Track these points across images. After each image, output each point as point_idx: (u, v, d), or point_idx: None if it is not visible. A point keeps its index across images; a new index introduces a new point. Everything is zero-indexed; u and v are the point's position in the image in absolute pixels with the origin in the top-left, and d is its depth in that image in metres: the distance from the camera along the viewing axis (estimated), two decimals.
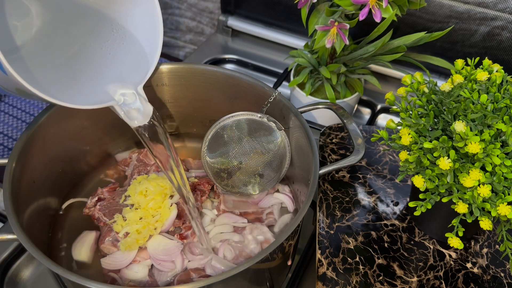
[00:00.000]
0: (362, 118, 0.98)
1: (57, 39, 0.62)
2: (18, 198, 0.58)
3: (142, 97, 0.58)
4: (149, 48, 0.61)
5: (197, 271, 0.62)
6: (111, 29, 0.62)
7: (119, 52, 0.62)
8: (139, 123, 0.57)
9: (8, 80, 0.48)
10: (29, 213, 0.60)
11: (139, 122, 0.57)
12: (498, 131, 0.50)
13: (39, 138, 0.64)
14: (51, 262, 0.50)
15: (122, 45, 0.62)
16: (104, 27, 0.62)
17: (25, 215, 0.58)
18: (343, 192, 0.68)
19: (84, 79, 0.61)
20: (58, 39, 0.62)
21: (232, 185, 0.70)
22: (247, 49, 1.10)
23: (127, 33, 0.62)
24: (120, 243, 0.63)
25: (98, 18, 0.62)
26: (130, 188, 0.68)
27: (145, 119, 0.57)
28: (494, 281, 0.59)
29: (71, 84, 0.59)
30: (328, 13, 0.74)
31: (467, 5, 0.84)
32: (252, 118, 0.68)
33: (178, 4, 1.21)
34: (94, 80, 0.60)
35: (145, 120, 0.57)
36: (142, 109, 0.57)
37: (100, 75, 0.61)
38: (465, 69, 0.58)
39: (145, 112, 0.57)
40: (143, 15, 0.61)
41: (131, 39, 0.62)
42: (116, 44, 0.62)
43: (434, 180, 0.52)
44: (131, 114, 0.57)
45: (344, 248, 0.61)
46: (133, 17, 0.61)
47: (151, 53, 0.61)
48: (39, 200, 0.64)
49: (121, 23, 0.62)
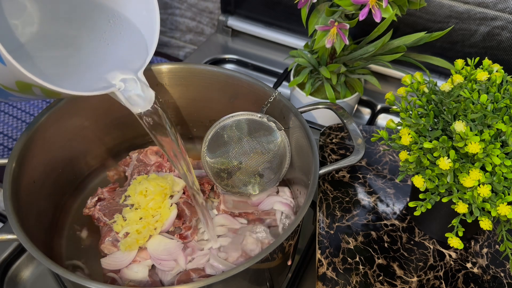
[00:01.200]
0: (362, 118, 0.98)
1: (56, 33, 0.62)
2: (18, 198, 0.58)
3: (143, 83, 0.57)
4: (147, 33, 0.61)
5: (197, 271, 0.62)
6: (107, 19, 0.62)
7: (118, 41, 0.62)
8: (142, 109, 0.56)
9: (7, 72, 0.47)
10: (29, 213, 0.60)
11: (142, 108, 0.56)
12: (498, 131, 0.50)
13: (39, 138, 0.64)
14: (51, 262, 0.50)
15: (120, 34, 0.62)
16: (101, 17, 0.62)
17: (25, 215, 0.58)
18: (343, 192, 0.68)
19: (84, 69, 0.60)
20: (57, 33, 0.62)
21: (232, 185, 0.70)
22: (247, 49, 1.10)
23: (124, 21, 0.62)
24: (120, 243, 0.63)
25: (94, 9, 0.62)
26: (130, 188, 0.68)
27: (147, 104, 0.57)
28: (494, 281, 0.59)
29: (71, 75, 0.59)
30: (328, 13, 0.74)
31: (467, 5, 0.84)
32: (252, 118, 0.68)
33: (178, 4, 1.21)
34: (94, 70, 0.60)
35: (147, 105, 0.56)
36: (144, 95, 0.57)
37: (100, 64, 0.61)
38: (465, 69, 0.58)
39: (147, 98, 0.57)
40: (139, 1, 0.61)
41: (129, 27, 0.62)
42: (114, 34, 0.62)
43: (434, 180, 0.52)
44: (133, 100, 0.56)
45: (344, 248, 0.61)
46: (129, 4, 0.61)
47: (149, 39, 0.61)
48: (39, 200, 0.64)
49: (117, 11, 0.62)
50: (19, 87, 0.51)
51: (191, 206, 0.69)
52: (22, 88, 0.51)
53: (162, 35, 1.32)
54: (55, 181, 0.69)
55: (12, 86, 0.51)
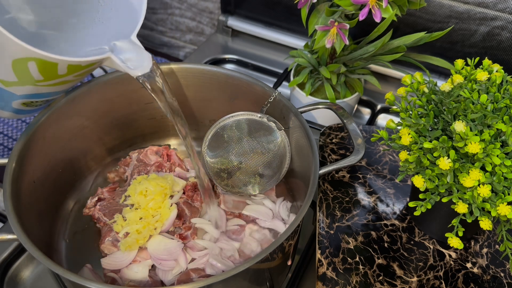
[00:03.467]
0: (362, 118, 0.98)
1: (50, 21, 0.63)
2: (18, 198, 0.58)
3: (137, 46, 0.57)
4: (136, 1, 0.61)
5: (197, 271, 0.62)
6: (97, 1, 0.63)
7: (110, 17, 0.63)
8: (141, 72, 0.56)
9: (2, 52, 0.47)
10: (29, 213, 0.60)
11: (141, 71, 0.56)
12: (498, 131, 0.50)
13: (39, 138, 0.64)
14: (51, 262, 0.50)
15: (111, 10, 0.63)
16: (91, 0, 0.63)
17: (25, 215, 0.58)
18: (343, 192, 0.68)
19: (81, 45, 0.61)
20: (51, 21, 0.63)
21: (232, 185, 0.70)
22: (247, 49, 1.10)
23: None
24: (120, 243, 0.63)
25: None
26: (130, 188, 0.68)
27: (145, 67, 0.56)
28: (494, 281, 0.59)
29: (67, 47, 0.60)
30: (328, 13, 0.74)
31: (467, 5, 0.84)
32: (252, 118, 0.68)
33: (178, 4, 1.21)
34: (89, 42, 0.61)
35: (146, 68, 0.56)
36: (140, 57, 0.57)
37: (94, 37, 0.61)
38: (465, 69, 0.58)
39: (144, 60, 0.57)
40: None
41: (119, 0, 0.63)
42: (106, 11, 0.63)
43: (434, 180, 0.52)
44: (131, 64, 0.56)
45: (344, 248, 0.61)
46: None
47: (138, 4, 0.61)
48: (39, 200, 0.64)
49: None
50: (15, 70, 0.50)
51: (191, 206, 0.69)
52: (19, 72, 0.50)
53: (162, 35, 1.32)
54: (55, 181, 0.69)
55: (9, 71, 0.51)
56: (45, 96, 0.59)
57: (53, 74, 0.53)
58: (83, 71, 0.56)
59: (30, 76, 0.52)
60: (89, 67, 0.56)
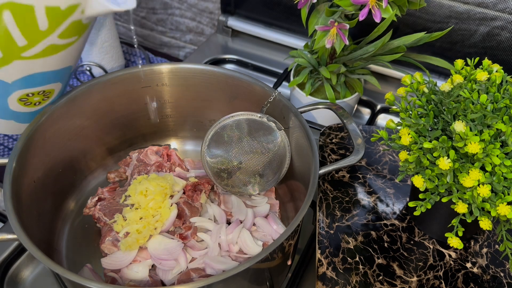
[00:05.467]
0: (362, 118, 0.98)
1: None
2: (19, 198, 0.58)
3: None
4: None
5: (197, 271, 0.63)
6: None
7: None
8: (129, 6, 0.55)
9: None
10: (29, 213, 0.60)
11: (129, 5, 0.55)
12: (498, 131, 0.50)
13: (39, 138, 0.64)
14: (51, 262, 0.50)
15: None
16: None
17: (25, 215, 0.58)
18: (343, 192, 0.68)
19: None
20: None
21: (232, 185, 0.70)
22: (247, 49, 1.10)
23: None
24: (120, 243, 0.63)
25: None
26: (130, 188, 0.68)
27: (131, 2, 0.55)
28: (494, 281, 0.59)
29: None
30: (328, 13, 0.74)
31: (467, 5, 0.84)
32: (252, 118, 0.68)
33: (178, 4, 1.21)
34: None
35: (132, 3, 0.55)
36: None
37: None
38: (464, 69, 0.58)
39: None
40: None
41: None
42: None
43: (434, 180, 0.53)
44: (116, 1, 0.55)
45: (344, 248, 0.61)
46: None
47: None
48: (39, 199, 0.64)
49: None
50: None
51: (191, 206, 0.69)
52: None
53: (162, 35, 1.32)
54: (55, 181, 0.69)
55: None
56: (41, 83, 0.57)
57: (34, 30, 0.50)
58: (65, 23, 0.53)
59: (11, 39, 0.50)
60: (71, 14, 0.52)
